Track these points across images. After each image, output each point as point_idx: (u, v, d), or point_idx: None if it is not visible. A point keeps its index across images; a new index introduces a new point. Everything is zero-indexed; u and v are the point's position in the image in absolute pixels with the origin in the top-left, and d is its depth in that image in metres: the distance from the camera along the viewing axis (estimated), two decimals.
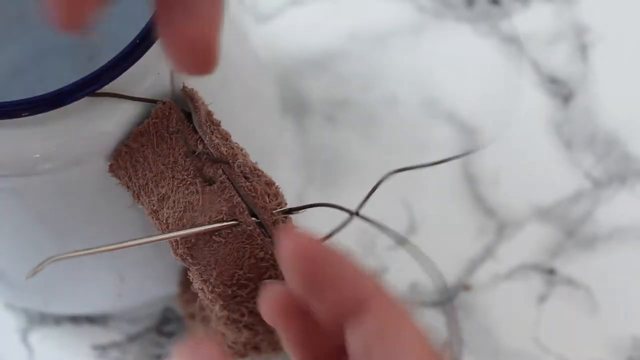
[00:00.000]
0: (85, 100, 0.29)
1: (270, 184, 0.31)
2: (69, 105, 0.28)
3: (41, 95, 0.28)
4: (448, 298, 0.45)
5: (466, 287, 0.45)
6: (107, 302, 0.41)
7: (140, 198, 0.31)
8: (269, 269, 0.31)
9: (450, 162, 0.49)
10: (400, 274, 0.46)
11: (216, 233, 0.30)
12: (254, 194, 0.30)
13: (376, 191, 0.48)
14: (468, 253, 0.46)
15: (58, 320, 0.45)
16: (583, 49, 0.50)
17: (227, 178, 0.30)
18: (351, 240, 0.46)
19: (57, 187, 0.32)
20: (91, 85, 0.28)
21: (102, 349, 0.44)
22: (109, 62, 0.28)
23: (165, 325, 0.45)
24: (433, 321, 0.45)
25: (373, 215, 0.47)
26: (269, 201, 0.31)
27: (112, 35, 0.44)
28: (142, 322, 0.45)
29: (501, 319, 0.45)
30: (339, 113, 0.49)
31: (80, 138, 0.30)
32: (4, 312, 0.45)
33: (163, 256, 0.38)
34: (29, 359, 0.44)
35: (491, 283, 0.45)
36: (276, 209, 0.31)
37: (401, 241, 0.34)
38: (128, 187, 0.31)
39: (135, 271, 0.39)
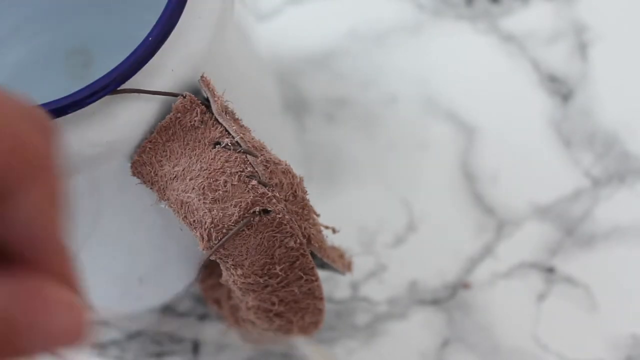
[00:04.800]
0: (104, 100, 0.29)
1: (286, 172, 0.32)
2: (88, 106, 0.28)
3: (62, 98, 0.28)
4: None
5: (465, 286, 0.46)
6: (125, 305, 0.41)
7: (167, 193, 0.31)
8: (299, 258, 0.32)
9: (449, 161, 0.49)
10: (399, 272, 0.46)
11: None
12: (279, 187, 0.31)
13: (376, 190, 0.48)
14: (467, 251, 0.46)
15: None
16: (582, 48, 0.50)
17: (254, 168, 0.30)
18: (350, 238, 0.46)
19: (75, 190, 0.32)
20: (111, 84, 0.28)
21: (101, 347, 0.44)
22: (127, 59, 0.28)
23: (165, 323, 0.45)
24: (432, 320, 0.45)
25: (374, 214, 0.47)
26: (293, 191, 0.32)
27: (104, 43, 0.44)
28: (141, 320, 0.45)
29: (500, 317, 0.45)
30: (338, 111, 0.49)
31: (102, 138, 0.30)
32: None
33: (182, 255, 0.38)
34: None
35: (490, 281, 0.45)
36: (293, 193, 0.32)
37: None
38: (153, 183, 0.31)
39: (155, 272, 0.39)
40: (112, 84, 0.28)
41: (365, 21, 0.52)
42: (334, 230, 0.34)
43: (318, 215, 0.33)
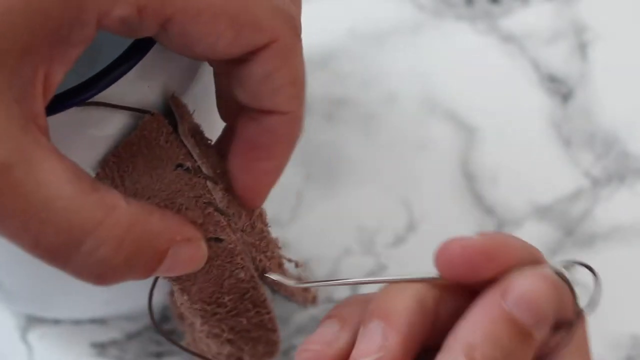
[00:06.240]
0: (72, 111, 0.28)
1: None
2: (55, 116, 0.27)
3: None
4: None
5: None
6: (96, 308, 0.41)
7: None
8: (250, 290, 0.31)
9: (449, 161, 0.49)
10: (399, 272, 0.46)
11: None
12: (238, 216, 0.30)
13: (376, 190, 0.48)
14: None
15: (57, 318, 0.45)
16: (582, 48, 0.50)
17: (212, 195, 0.30)
18: (350, 238, 0.46)
19: None
20: (81, 94, 0.27)
21: (101, 347, 0.44)
22: (99, 72, 0.28)
23: (165, 323, 0.45)
24: None
25: (374, 214, 0.47)
26: (251, 222, 0.31)
27: (109, 42, 0.44)
28: (141, 320, 0.45)
29: None
30: (338, 111, 0.49)
31: (68, 149, 0.28)
32: (3, 311, 0.45)
33: None
34: (29, 357, 0.44)
35: None
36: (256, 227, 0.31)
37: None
38: None
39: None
40: (80, 96, 0.27)
41: (365, 21, 0.52)
42: (297, 264, 0.34)
43: (280, 248, 0.33)
